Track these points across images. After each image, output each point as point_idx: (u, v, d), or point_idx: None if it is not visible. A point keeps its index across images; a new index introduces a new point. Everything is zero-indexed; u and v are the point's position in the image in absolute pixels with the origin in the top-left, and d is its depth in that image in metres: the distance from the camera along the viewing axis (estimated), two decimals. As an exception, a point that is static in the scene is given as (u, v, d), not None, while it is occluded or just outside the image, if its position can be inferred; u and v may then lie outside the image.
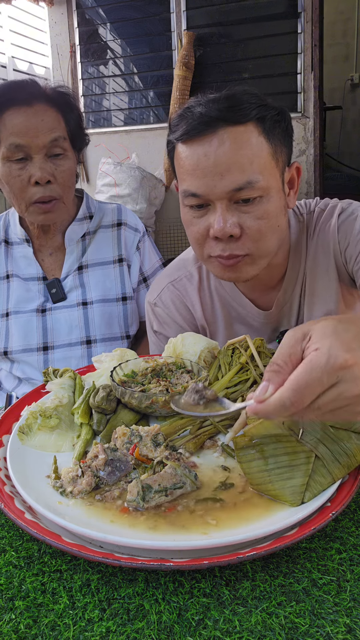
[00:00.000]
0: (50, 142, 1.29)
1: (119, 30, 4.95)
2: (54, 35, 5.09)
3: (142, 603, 0.60)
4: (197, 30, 4.63)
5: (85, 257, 1.49)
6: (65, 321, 1.44)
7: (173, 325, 1.27)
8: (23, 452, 0.83)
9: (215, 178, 0.96)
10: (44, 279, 1.46)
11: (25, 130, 1.26)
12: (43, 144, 1.28)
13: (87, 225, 1.50)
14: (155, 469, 0.75)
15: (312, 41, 4.39)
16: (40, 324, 1.43)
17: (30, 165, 1.29)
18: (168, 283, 1.28)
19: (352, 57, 6.43)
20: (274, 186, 1.00)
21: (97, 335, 1.45)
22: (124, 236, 1.52)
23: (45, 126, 1.28)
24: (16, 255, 1.49)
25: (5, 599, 0.61)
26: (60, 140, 1.31)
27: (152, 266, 1.56)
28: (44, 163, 1.29)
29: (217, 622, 0.57)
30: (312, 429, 0.72)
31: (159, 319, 1.29)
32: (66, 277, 1.47)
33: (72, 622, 0.57)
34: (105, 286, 1.47)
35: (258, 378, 0.95)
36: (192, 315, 1.27)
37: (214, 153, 0.95)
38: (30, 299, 1.45)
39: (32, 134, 1.27)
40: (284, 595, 0.60)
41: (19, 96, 1.28)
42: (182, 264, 1.29)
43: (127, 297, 1.50)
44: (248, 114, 0.95)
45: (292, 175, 1.08)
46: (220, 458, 0.82)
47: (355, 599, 0.59)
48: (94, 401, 0.91)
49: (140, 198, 4.42)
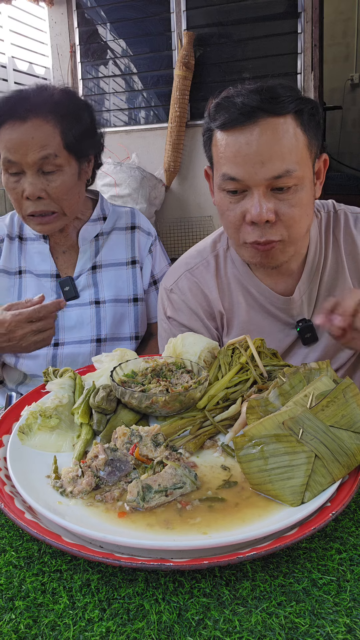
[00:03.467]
0: (39, 159, 1.27)
1: (119, 30, 4.95)
2: (54, 35, 5.08)
3: (142, 603, 0.60)
4: (197, 30, 4.63)
5: (99, 257, 1.50)
6: (77, 319, 1.45)
7: (187, 312, 1.29)
8: (23, 452, 0.83)
9: (257, 165, 1.01)
10: (57, 277, 1.48)
11: (16, 147, 1.26)
12: (32, 161, 1.27)
13: (101, 226, 1.52)
14: (155, 469, 0.75)
15: (312, 41, 4.39)
16: None
17: (23, 179, 1.30)
18: (185, 271, 1.30)
19: (352, 57, 6.43)
20: (307, 176, 1.06)
21: (108, 334, 1.46)
22: (137, 239, 1.55)
23: (35, 144, 1.26)
24: (30, 251, 1.50)
25: (5, 599, 0.61)
26: (51, 157, 1.28)
27: (161, 270, 1.59)
28: (35, 179, 1.29)
29: (217, 622, 0.57)
30: (312, 429, 0.72)
31: (173, 304, 1.31)
32: (79, 275, 1.48)
33: (72, 622, 0.57)
34: (118, 286, 1.49)
35: (258, 378, 0.95)
36: (208, 303, 1.28)
37: (257, 142, 1.00)
38: None
39: (22, 151, 1.26)
40: (284, 595, 0.60)
41: (16, 110, 1.27)
42: (199, 252, 1.31)
43: (139, 299, 1.52)
44: (287, 106, 1.01)
45: (319, 167, 1.13)
46: (220, 458, 0.82)
47: (355, 599, 0.59)
48: (94, 401, 0.91)
49: (140, 198, 4.42)
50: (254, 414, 0.80)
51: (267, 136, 1.00)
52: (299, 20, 4.39)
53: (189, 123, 4.75)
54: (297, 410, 0.74)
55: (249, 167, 1.01)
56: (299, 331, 1.23)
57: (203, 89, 4.70)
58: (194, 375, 0.97)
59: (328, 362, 0.83)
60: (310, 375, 0.82)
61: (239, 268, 1.26)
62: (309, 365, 0.83)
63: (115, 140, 4.99)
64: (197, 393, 0.91)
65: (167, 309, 1.33)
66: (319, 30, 4.38)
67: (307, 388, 0.77)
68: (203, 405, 0.92)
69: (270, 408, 0.80)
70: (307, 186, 1.06)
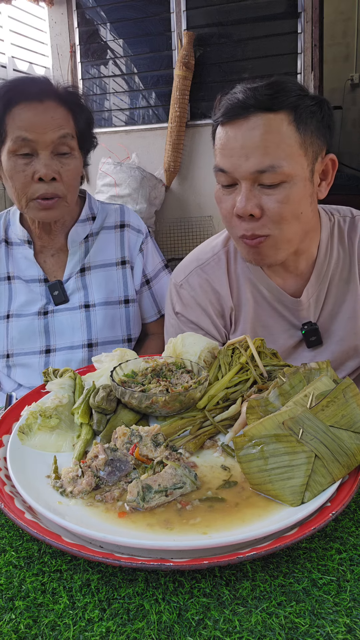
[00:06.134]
0: (58, 138, 1.28)
1: (119, 30, 4.95)
2: (54, 35, 5.08)
3: (142, 603, 0.60)
4: (197, 30, 4.62)
5: (87, 259, 1.47)
6: (68, 324, 1.43)
7: (196, 309, 1.29)
8: (23, 452, 0.83)
9: (241, 159, 1.03)
10: (45, 281, 1.45)
11: (34, 125, 1.26)
12: (51, 140, 1.28)
13: (90, 227, 1.49)
14: (155, 469, 0.75)
15: (312, 41, 4.39)
16: (42, 326, 1.42)
17: (35, 161, 1.29)
18: (196, 267, 1.30)
19: (352, 57, 6.43)
20: (299, 174, 1.04)
21: (99, 338, 1.44)
22: (127, 238, 1.51)
23: (54, 123, 1.28)
24: (17, 256, 1.47)
25: (5, 599, 0.61)
26: (68, 138, 1.31)
27: (154, 268, 1.55)
28: (49, 160, 1.29)
29: (217, 622, 0.57)
30: (312, 429, 0.72)
31: (182, 300, 1.30)
32: (68, 279, 1.45)
33: (72, 622, 0.57)
34: (108, 288, 1.46)
35: (258, 378, 0.95)
36: (218, 299, 1.28)
37: (243, 136, 1.03)
38: (32, 301, 1.44)
39: (40, 129, 1.27)
40: (284, 595, 0.60)
41: (30, 90, 1.28)
42: (211, 248, 1.32)
43: (130, 300, 1.49)
44: (281, 103, 1.02)
45: (326, 167, 1.12)
46: (220, 458, 0.82)
47: (355, 599, 0.59)
48: (94, 401, 0.91)
49: (140, 198, 4.41)
50: (254, 414, 0.80)
51: (255, 131, 1.02)
52: (299, 20, 4.39)
53: (189, 123, 4.75)
54: (297, 410, 0.74)
55: (234, 160, 1.04)
56: (304, 334, 1.23)
57: (203, 89, 4.70)
58: (194, 375, 0.97)
59: (328, 362, 0.83)
60: (310, 375, 0.82)
61: (249, 265, 1.26)
62: (309, 365, 0.83)
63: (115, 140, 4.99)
64: (197, 393, 0.91)
65: (175, 305, 1.32)
66: (319, 30, 4.37)
67: (307, 388, 0.77)
68: (203, 405, 0.92)
69: (270, 408, 0.80)
70: (298, 184, 1.04)
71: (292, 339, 1.25)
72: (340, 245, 1.23)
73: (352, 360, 1.25)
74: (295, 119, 1.02)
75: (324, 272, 1.22)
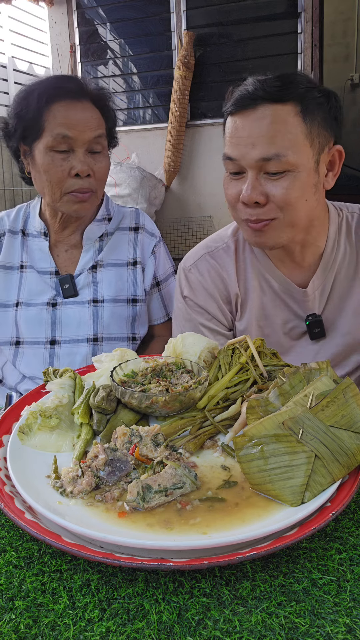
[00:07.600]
0: (94, 138, 1.36)
1: (119, 30, 4.95)
2: (54, 35, 5.08)
3: (142, 603, 0.60)
4: (197, 30, 4.63)
5: (100, 257, 1.51)
6: (75, 317, 1.46)
7: (203, 293, 1.31)
8: (23, 452, 0.83)
9: (248, 147, 1.07)
10: (56, 274, 1.49)
11: (74, 123, 1.32)
12: (88, 138, 1.34)
13: (106, 227, 1.54)
14: (155, 469, 0.75)
15: (312, 41, 4.39)
16: (49, 317, 1.46)
17: (72, 158, 1.35)
18: (205, 253, 1.33)
19: (352, 57, 6.42)
20: (304, 164, 1.07)
21: (105, 333, 1.47)
22: (140, 240, 1.55)
23: (92, 122, 1.35)
24: (32, 247, 1.52)
25: (5, 599, 0.61)
26: (102, 137, 1.39)
27: (165, 272, 1.59)
28: (85, 157, 1.36)
29: (217, 622, 0.57)
30: (312, 429, 0.72)
31: (190, 284, 1.33)
32: (80, 274, 1.49)
33: (72, 622, 0.57)
34: (118, 287, 1.50)
35: (258, 378, 0.95)
36: (225, 286, 1.31)
37: (251, 125, 1.07)
38: (42, 291, 1.47)
39: (80, 127, 1.33)
40: (284, 595, 0.60)
41: (69, 90, 1.35)
42: (220, 237, 1.35)
43: (138, 300, 1.52)
44: (289, 94, 1.05)
45: (333, 158, 1.15)
46: (220, 458, 0.82)
47: (355, 599, 0.59)
48: (94, 401, 0.91)
49: (140, 198, 4.42)
50: (254, 414, 0.80)
51: (263, 121, 1.05)
52: (299, 20, 4.39)
53: (189, 123, 4.75)
54: (297, 410, 0.74)
55: (241, 148, 1.08)
56: (308, 325, 1.24)
57: (203, 89, 4.70)
58: (194, 375, 0.97)
59: (328, 362, 0.83)
60: (310, 375, 0.82)
61: (257, 254, 1.28)
62: (309, 365, 0.83)
63: (115, 140, 4.98)
64: (197, 393, 0.91)
65: (183, 289, 1.35)
66: (319, 30, 4.38)
67: (307, 388, 0.77)
68: (203, 405, 0.92)
69: (270, 408, 0.80)
70: (302, 173, 1.07)
71: (297, 330, 1.27)
72: (347, 240, 1.24)
73: (357, 354, 1.26)
74: (302, 110, 1.05)
75: (330, 265, 1.23)
